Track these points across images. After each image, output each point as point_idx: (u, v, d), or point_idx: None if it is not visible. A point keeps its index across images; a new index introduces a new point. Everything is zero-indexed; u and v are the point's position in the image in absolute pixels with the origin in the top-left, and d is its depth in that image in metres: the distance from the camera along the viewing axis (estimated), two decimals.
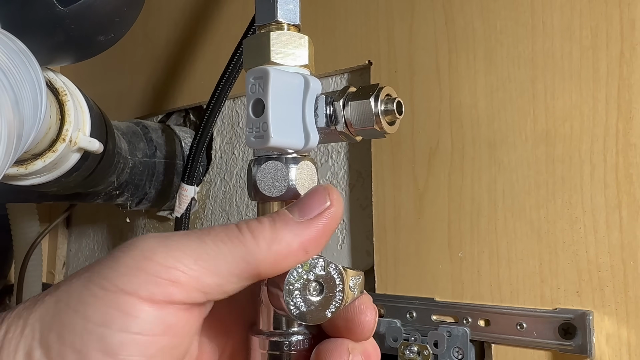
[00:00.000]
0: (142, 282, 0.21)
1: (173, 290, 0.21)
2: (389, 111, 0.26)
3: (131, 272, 0.21)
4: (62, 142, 0.42)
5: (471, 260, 0.45)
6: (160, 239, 0.22)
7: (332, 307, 0.25)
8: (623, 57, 0.39)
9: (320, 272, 0.24)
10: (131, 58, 0.79)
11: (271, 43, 0.27)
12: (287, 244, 0.23)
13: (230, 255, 0.22)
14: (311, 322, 0.24)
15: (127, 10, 0.38)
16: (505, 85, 0.44)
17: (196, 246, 0.22)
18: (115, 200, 0.64)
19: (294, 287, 0.24)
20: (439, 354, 0.45)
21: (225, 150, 0.68)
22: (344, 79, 0.57)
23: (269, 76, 0.25)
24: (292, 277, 0.24)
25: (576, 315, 0.40)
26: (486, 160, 0.45)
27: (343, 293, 0.25)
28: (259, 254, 0.22)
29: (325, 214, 0.24)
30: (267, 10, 0.27)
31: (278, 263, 0.23)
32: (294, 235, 0.23)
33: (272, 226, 0.23)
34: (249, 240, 0.22)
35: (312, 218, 0.23)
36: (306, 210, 0.24)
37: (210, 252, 0.22)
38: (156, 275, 0.21)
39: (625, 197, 0.39)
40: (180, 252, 0.22)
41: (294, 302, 0.24)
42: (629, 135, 0.39)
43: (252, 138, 0.26)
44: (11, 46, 0.32)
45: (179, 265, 0.21)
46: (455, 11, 0.47)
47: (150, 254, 0.21)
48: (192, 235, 0.23)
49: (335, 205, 0.24)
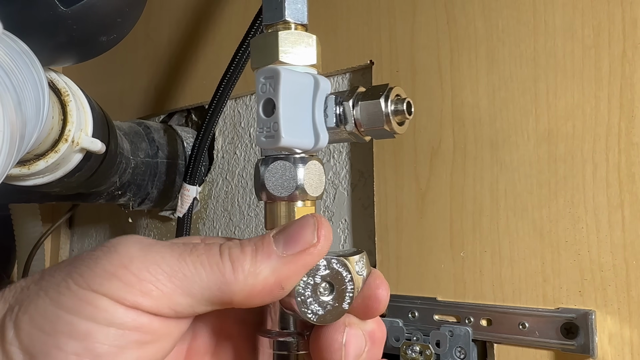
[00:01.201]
0: (114, 287, 0.21)
1: (142, 301, 0.21)
2: (399, 111, 0.26)
3: (106, 276, 0.21)
4: (64, 142, 0.42)
5: (473, 260, 0.45)
6: (142, 247, 0.22)
7: (347, 298, 0.25)
8: (625, 56, 0.39)
9: (325, 271, 0.24)
10: (133, 58, 0.79)
11: (279, 42, 0.27)
12: (264, 279, 0.23)
13: (206, 280, 0.22)
14: (333, 320, 0.24)
15: (129, 11, 0.38)
16: (507, 85, 0.44)
17: (175, 263, 0.22)
18: (118, 201, 0.64)
19: (305, 295, 0.24)
20: (441, 353, 0.45)
21: (227, 150, 0.68)
22: (345, 78, 0.57)
23: (280, 76, 0.25)
24: (300, 286, 0.24)
25: (578, 315, 0.40)
26: (488, 159, 0.45)
27: (353, 282, 0.25)
28: (234, 285, 0.22)
29: (309, 251, 0.23)
30: (275, 9, 0.27)
31: (252, 297, 0.23)
32: (273, 270, 0.23)
33: (253, 258, 0.23)
34: (228, 270, 0.22)
35: (295, 254, 0.23)
36: (291, 244, 0.23)
37: (187, 272, 0.22)
38: (129, 284, 0.21)
39: (627, 196, 0.39)
40: (157, 267, 0.22)
41: (311, 309, 0.24)
42: (631, 134, 0.39)
43: (262, 138, 0.26)
44: (14, 47, 0.32)
45: (153, 280, 0.22)
46: (457, 10, 0.47)
47: (128, 262, 0.22)
48: (175, 250, 0.23)
49: (321, 242, 0.23)
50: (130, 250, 0.22)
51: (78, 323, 0.21)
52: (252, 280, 0.22)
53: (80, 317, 0.21)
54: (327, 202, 0.58)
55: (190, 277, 0.22)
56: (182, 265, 0.22)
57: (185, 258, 0.22)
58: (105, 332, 0.21)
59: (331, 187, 0.58)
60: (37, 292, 0.22)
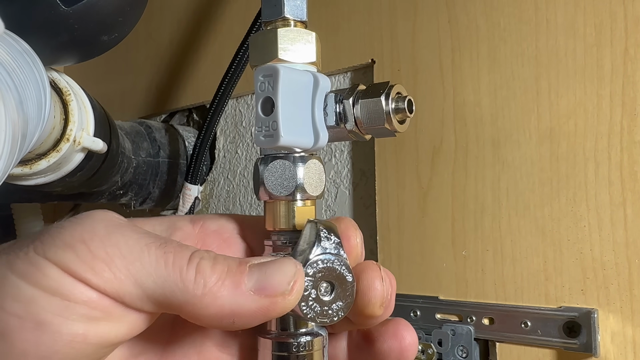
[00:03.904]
0: (67, 259, 0.21)
1: (91, 278, 0.21)
2: (400, 109, 0.26)
3: (63, 247, 0.21)
4: (66, 141, 0.42)
5: (475, 259, 0.45)
6: (108, 225, 0.22)
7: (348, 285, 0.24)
8: (627, 54, 0.39)
9: (318, 274, 0.24)
10: (134, 58, 0.79)
11: (278, 40, 0.26)
12: (220, 305, 0.21)
13: (163, 279, 0.21)
14: (348, 309, 0.24)
15: (131, 10, 0.38)
16: (509, 83, 0.44)
17: (137, 250, 0.21)
18: (119, 200, 0.64)
19: (311, 309, 0.24)
20: (443, 352, 0.45)
21: (229, 150, 0.68)
22: (347, 77, 0.57)
23: (279, 74, 0.25)
24: (302, 302, 0.24)
25: (581, 314, 0.39)
26: (490, 158, 0.45)
27: (350, 271, 0.24)
28: (189, 295, 0.21)
29: (276, 300, 0.22)
30: (274, 6, 0.27)
31: (200, 316, 0.21)
32: (232, 302, 0.21)
33: (220, 280, 0.21)
34: (189, 278, 0.21)
35: (262, 297, 0.22)
36: (262, 287, 0.22)
37: (146, 263, 0.21)
38: (82, 259, 0.21)
39: (629, 194, 0.39)
40: (116, 249, 0.21)
41: (324, 315, 0.24)
42: (634, 132, 0.39)
43: (261, 137, 0.25)
44: (15, 46, 0.32)
45: (107, 260, 0.21)
46: (459, 9, 0.47)
47: (88, 238, 0.21)
48: (143, 237, 0.22)
49: (292, 296, 0.22)
50: (95, 226, 0.22)
51: (24, 287, 0.20)
52: (207, 300, 0.21)
53: (26, 282, 0.20)
54: (329, 201, 0.58)
55: (148, 269, 0.21)
56: (143, 255, 0.21)
57: (150, 248, 0.21)
58: (49, 299, 0.20)
59: (333, 186, 0.57)
60: (1, 254, 0.22)
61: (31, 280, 0.20)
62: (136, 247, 0.21)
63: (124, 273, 0.21)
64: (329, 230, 0.25)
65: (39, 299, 0.20)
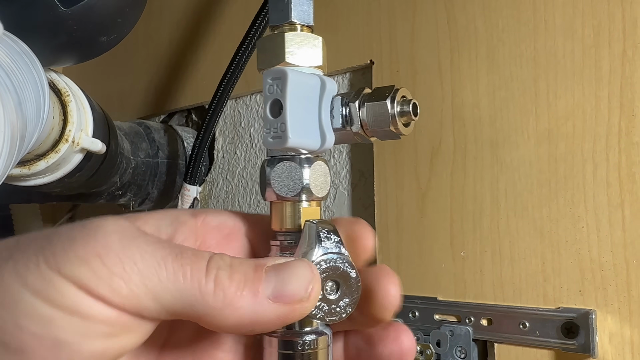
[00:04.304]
0: (84, 276, 0.20)
1: (110, 296, 0.20)
2: (405, 113, 0.26)
3: (78, 262, 0.20)
4: (64, 142, 0.42)
5: (474, 260, 0.45)
6: (122, 239, 0.21)
7: (353, 281, 0.24)
8: (625, 56, 0.39)
9: (322, 274, 0.24)
10: (133, 59, 0.79)
11: (286, 44, 0.27)
12: (240, 316, 0.21)
13: (181, 292, 0.21)
14: (355, 305, 0.24)
15: (129, 11, 0.38)
16: (507, 84, 0.44)
17: (154, 264, 0.21)
18: (118, 201, 0.64)
19: (319, 309, 0.24)
20: (442, 353, 0.45)
21: (228, 150, 0.68)
22: (345, 78, 0.57)
23: (287, 77, 0.25)
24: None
25: (579, 315, 0.40)
26: (488, 159, 0.45)
27: (353, 267, 0.25)
28: (208, 308, 0.21)
29: (295, 308, 0.22)
30: (282, 10, 0.27)
31: (219, 325, 0.21)
32: (252, 312, 0.21)
33: (240, 291, 0.21)
34: (208, 291, 0.21)
35: (280, 305, 0.22)
36: (280, 295, 0.22)
37: (165, 281, 0.21)
38: (100, 276, 0.20)
39: (627, 195, 0.39)
40: (133, 265, 0.21)
41: (332, 314, 0.24)
42: (632, 133, 0.39)
43: (269, 139, 0.26)
44: (14, 48, 0.32)
45: (125, 277, 0.20)
46: (457, 10, 0.47)
47: (103, 252, 0.20)
48: (159, 250, 0.21)
49: (310, 302, 0.22)
50: (109, 238, 0.21)
51: (41, 307, 0.20)
52: (227, 312, 0.21)
53: (43, 301, 0.20)
54: (328, 202, 0.58)
55: (165, 283, 0.21)
56: (160, 269, 0.21)
57: (167, 261, 0.21)
58: (68, 320, 0.20)
59: (331, 187, 0.58)
60: (7, 260, 0.21)
61: (47, 299, 0.20)
62: (152, 261, 0.21)
63: (142, 290, 0.21)
64: (329, 229, 0.25)
65: (57, 319, 0.20)
